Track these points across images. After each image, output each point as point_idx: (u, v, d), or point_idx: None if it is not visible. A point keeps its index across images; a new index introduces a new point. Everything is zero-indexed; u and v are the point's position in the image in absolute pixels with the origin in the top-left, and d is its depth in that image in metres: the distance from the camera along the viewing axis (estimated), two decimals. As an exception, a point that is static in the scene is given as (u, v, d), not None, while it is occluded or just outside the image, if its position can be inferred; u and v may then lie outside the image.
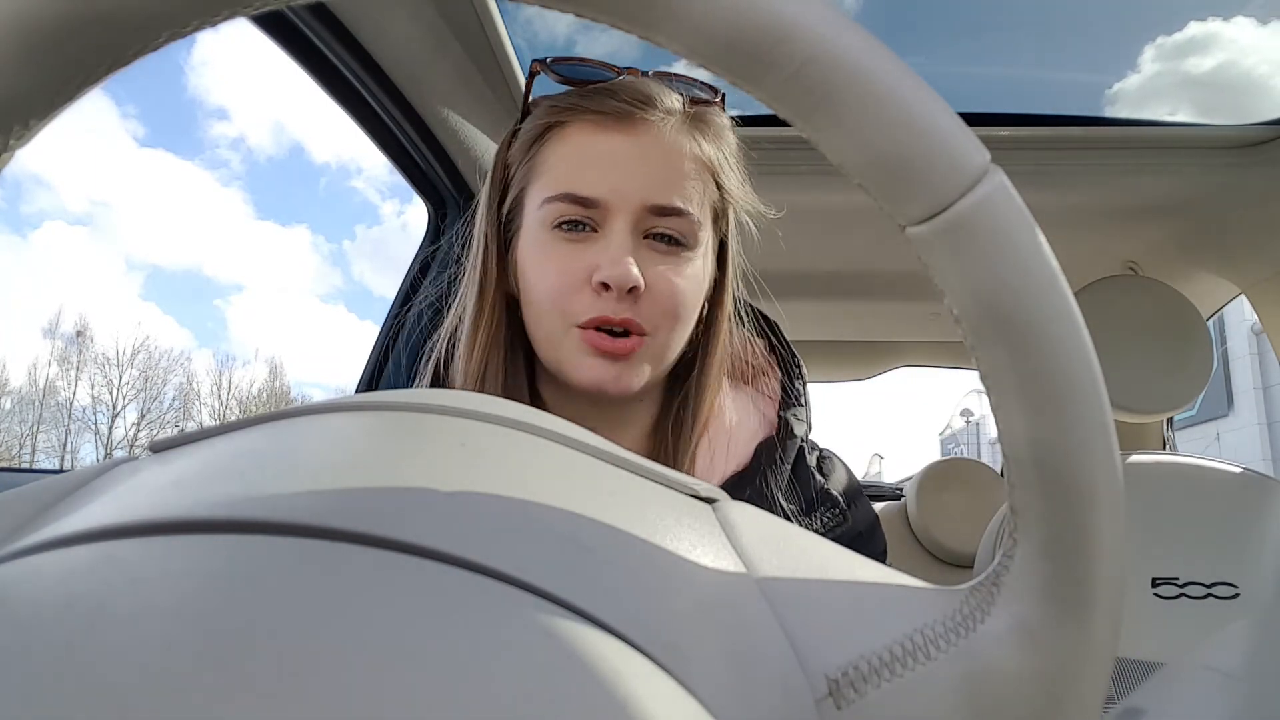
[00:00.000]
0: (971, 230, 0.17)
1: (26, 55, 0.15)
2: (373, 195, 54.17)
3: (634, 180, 0.49)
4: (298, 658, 0.11)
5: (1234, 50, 1.20)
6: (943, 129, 0.17)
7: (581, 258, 0.50)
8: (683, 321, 0.52)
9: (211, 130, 47.01)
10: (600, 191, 0.49)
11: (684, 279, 0.51)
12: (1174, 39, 1.22)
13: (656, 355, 0.52)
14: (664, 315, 0.51)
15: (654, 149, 0.50)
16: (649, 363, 0.51)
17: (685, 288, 0.51)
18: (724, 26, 0.16)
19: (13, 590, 0.13)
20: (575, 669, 0.12)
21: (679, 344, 0.53)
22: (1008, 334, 0.17)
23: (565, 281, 0.50)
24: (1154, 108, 1.18)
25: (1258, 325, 1.59)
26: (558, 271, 0.50)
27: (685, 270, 0.51)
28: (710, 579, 0.17)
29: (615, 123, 0.50)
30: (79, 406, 21.81)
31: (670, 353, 0.53)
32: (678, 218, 0.50)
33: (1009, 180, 0.17)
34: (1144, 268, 1.35)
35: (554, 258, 0.51)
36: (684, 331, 0.53)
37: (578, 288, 0.49)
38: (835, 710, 0.16)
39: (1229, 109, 1.18)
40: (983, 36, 1.27)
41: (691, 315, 0.53)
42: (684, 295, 0.51)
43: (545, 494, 0.17)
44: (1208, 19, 1.24)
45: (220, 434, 0.20)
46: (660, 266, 0.51)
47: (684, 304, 0.51)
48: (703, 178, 0.52)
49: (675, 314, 0.51)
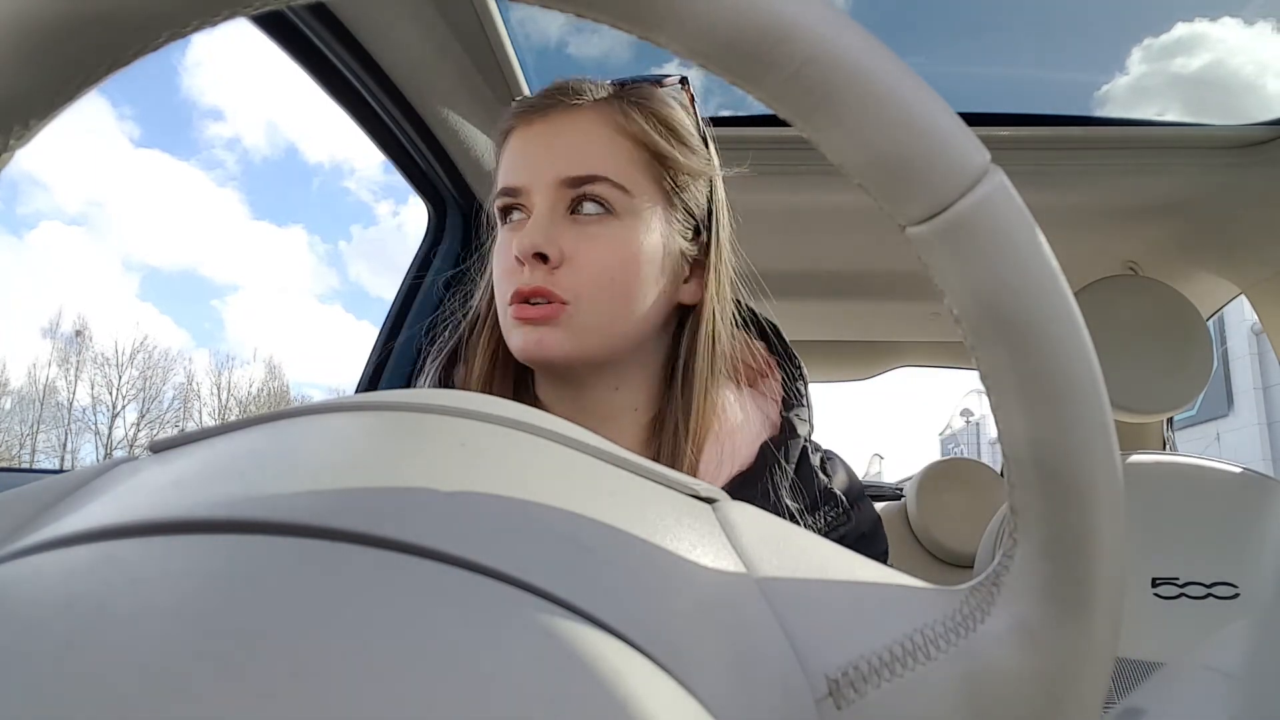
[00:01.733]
0: (972, 230, 0.17)
1: (26, 55, 0.15)
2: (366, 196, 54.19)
3: (547, 158, 0.52)
4: (298, 658, 0.11)
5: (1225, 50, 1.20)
6: (943, 129, 0.17)
7: (513, 240, 0.52)
8: (611, 291, 0.51)
9: (207, 131, 47.04)
10: (522, 178, 0.53)
11: (608, 245, 0.51)
12: (1174, 39, 1.22)
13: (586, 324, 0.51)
14: (587, 283, 0.51)
15: (568, 127, 0.52)
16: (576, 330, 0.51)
17: (610, 255, 0.51)
18: (723, 27, 0.16)
19: (13, 590, 0.13)
20: (575, 669, 0.12)
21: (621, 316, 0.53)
22: (1008, 334, 0.17)
23: (503, 265, 0.53)
24: (1155, 107, 1.18)
25: (1258, 325, 1.59)
26: (499, 256, 0.54)
27: (610, 236, 0.52)
28: (710, 579, 0.17)
29: (536, 114, 0.53)
30: (79, 406, 21.81)
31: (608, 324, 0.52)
32: (595, 184, 0.51)
33: (1009, 180, 0.17)
34: (1144, 268, 1.35)
35: (499, 246, 0.55)
36: (621, 303, 0.52)
37: (511, 268, 0.52)
38: (835, 710, 0.16)
39: (1230, 109, 1.18)
40: (983, 36, 1.27)
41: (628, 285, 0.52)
42: (607, 260, 0.51)
43: (545, 494, 0.17)
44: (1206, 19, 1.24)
45: (220, 434, 0.20)
46: (580, 236, 0.51)
47: (608, 269, 0.51)
48: (629, 146, 0.53)
49: (597, 280, 0.51)
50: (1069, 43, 1.28)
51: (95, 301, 37.92)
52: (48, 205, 42.25)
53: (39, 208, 41.71)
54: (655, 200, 0.54)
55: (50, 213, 42.27)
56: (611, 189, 0.51)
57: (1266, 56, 1.14)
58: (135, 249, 43.41)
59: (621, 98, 0.54)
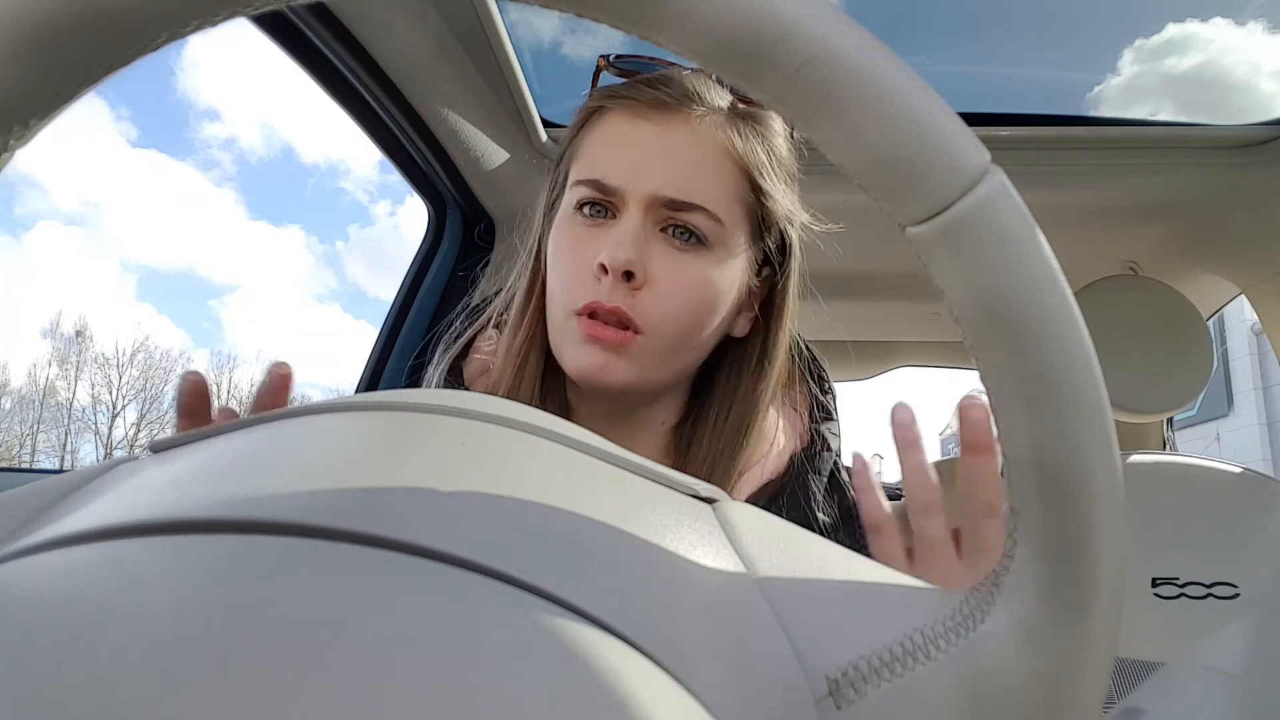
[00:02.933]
0: (971, 230, 0.17)
1: (27, 55, 0.15)
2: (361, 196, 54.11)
3: (652, 169, 0.48)
4: (298, 657, 0.11)
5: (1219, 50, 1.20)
6: (943, 129, 0.17)
7: (593, 242, 0.48)
8: (688, 324, 0.49)
9: (203, 131, 47.01)
10: (620, 178, 0.49)
11: (693, 277, 0.49)
12: (1172, 39, 1.22)
13: (653, 356, 0.49)
14: (664, 312, 0.48)
15: (680, 140, 0.49)
16: (642, 361, 0.49)
17: (693, 287, 0.49)
18: (724, 26, 0.16)
19: (13, 590, 0.13)
20: (575, 668, 0.12)
21: (685, 350, 0.51)
22: (1008, 334, 0.17)
23: (575, 265, 0.49)
24: (1153, 107, 1.18)
25: (1258, 325, 1.59)
26: (571, 254, 0.50)
27: (697, 269, 0.49)
28: (710, 579, 0.17)
29: (650, 111, 0.49)
30: (79, 406, 21.82)
31: (673, 357, 0.50)
32: (693, 213, 0.48)
33: (1009, 180, 0.17)
34: (1144, 268, 1.35)
35: (570, 240, 0.50)
36: (691, 336, 0.50)
37: (585, 273, 0.48)
38: (835, 710, 0.16)
39: (1229, 109, 1.18)
40: (983, 37, 1.27)
41: (702, 320, 0.50)
42: (690, 294, 0.49)
43: (545, 494, 0.17)
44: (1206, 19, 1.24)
45: (220, 434, 0.20)
46: (668, 261, 0.48)
47: (689, 304, 0.49)
48: (735, 176, 0.50)
49: (677, 313, 0.48)
50: (1069, 43, 1.28)
51: (94, 302, 37.93)
52: (45, 206, 42.30)
53: (36, 208, 41.76)
54: (743, 235, 0.51)
55: (48, 213, 42.31)
56: (708, 220, 0.49)
57: (1267, 57, 1.14)
58: (133, 249, 43.40)
59: (739, 116, 0.51)
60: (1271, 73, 1.14)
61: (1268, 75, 1.14)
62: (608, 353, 0.48)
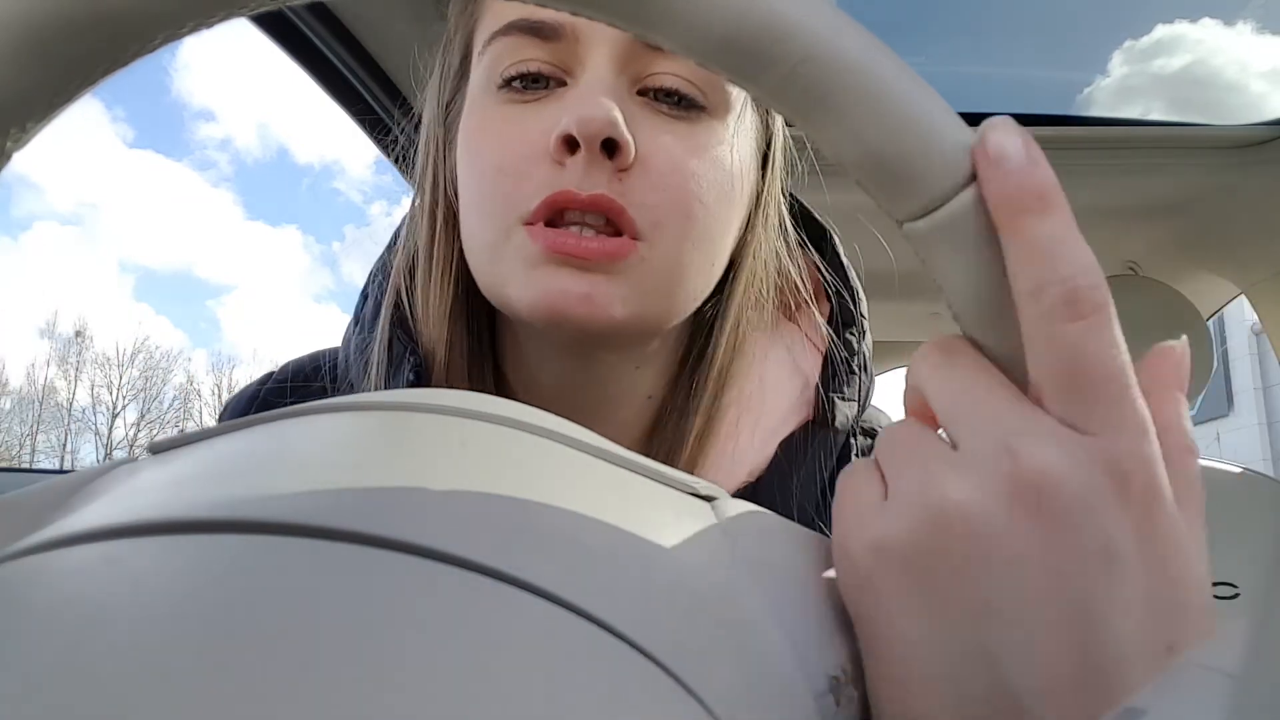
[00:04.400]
0: (969, 226, 0.17)
1: (25, 56, 0.15)
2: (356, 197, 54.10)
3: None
4: (298, 658, 0.11)
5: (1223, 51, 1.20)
6: (939, 125, 0.17)
7: (537, 120, 0.32)
8: (699, 224, 0.33)
9: (199, 132, 47.07)
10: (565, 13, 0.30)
11: (703, 159, 0.33)
12: (1169, 39, 1.22)
13: (657, 276, 0.33)
14: (669, 204, 0.32)
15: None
16: (645, 285, 0.32)
17: (705, 171, 0.33)
18: (721, 24, 0.16)
19: (13, 590, 0.13)
20: (573, 668, 0.12)
21: (701, 266, 0.34)
22: (1007, 332, 0.18)
23: (510, 155, 0.32)
24: (1146, 108, 1.19)
25: (1258, 325, 1.59)
26: (498, 142, 0.33)
27: (703, 142, 0.33)
28: (709, 577, 0.17)
29: None
30: (79, 407, 21.84)
31: (681, 278, 0.34)
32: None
33: None
34: (1144, 268, 1.35)
35: (496, 124, 0.33)
36: (704, 246, 0.34)
37: (529, 162, 0.32)
38: (835, 706, 0.16)
39: (1229, 109, 1.18)
40: (983, 36, 1.27)
41: (715, 219, 0.34)
42: (701, 181, 0.33)
43: (545, 493, 0.17)
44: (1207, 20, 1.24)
45: (220, 434, 0.20)
46: (664, 133, 0.32)
47: (701, 194, 0.33)
48: None
49: (687, 206, 0.32)
50: (1070, 42, 1.28)
51: (92, 302, 38.00)
52: (41, 207, 42.41)
53: (33, 209, 41.85)
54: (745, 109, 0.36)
55: (44, 214, 42.41)
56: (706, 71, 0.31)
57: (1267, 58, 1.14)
58: (130, 250, 43.50)
59: None
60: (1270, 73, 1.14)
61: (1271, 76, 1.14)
62: (592, 274, 0.31)
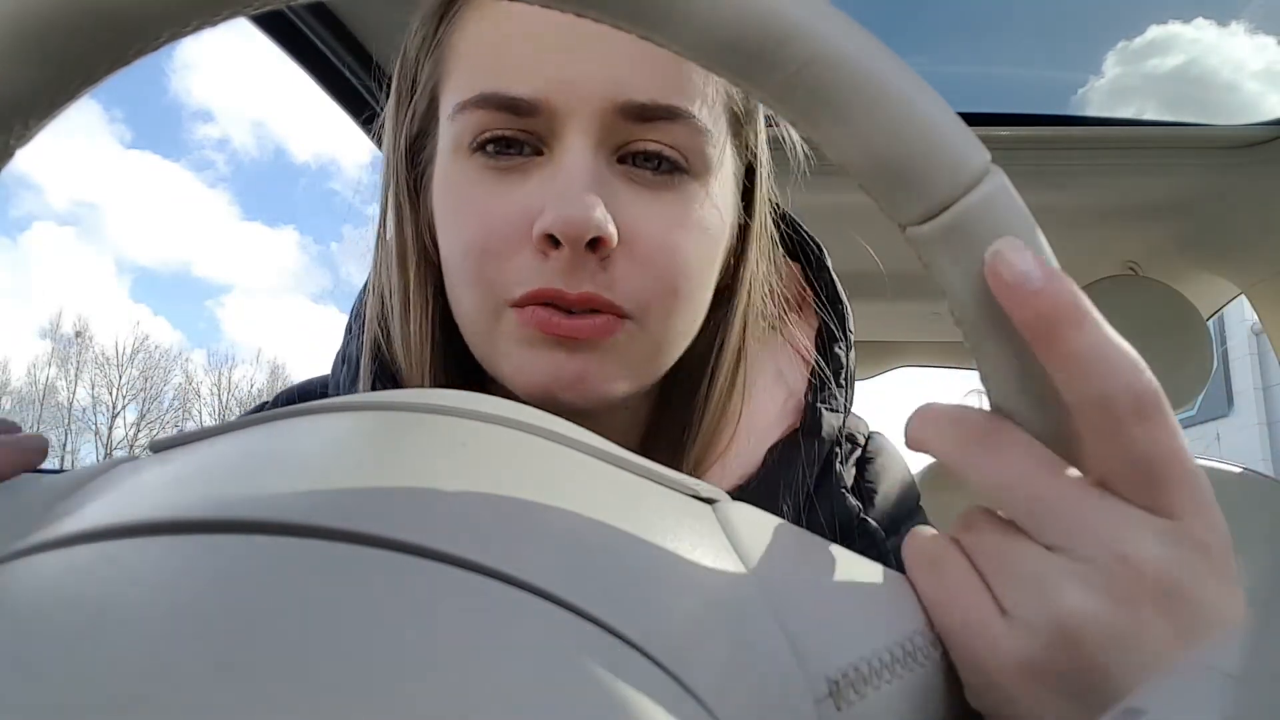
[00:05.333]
0: (971, 230, 0.17)
1: (27, 54, 0.15)
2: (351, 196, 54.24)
3: (593, 63, 0.31)
4: (298, 658, 0.11)
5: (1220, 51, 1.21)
6: (943, 129, 0.17)
7: (516, 195, 0.32)
8: (685, 296, 0.33)
9: (196, 132, 47.11)
10: (538, 85, 0.31)
11: (687, 227, 0.33)
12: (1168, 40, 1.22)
13: (647, 348, 0.33)
14: (655, 285, 0.32)
15: None
16: (635, 359, 0.33)
17: (688, 242, 0.33)
18: (725, 27, 0.16)
19: (13, 590, 0.13)
20: (574, 669, 0.12)
21: (683, 332, 0.35)
22: (1008, 335, 0.17)
23: (491, 235, 0.32)
24: (1149, 106, 1.19)
25: (1258, 325, 1.59)
26: (480, 220, 0.32)
27: (689, 213, 0.33)
28: (710, 579, 0.17)
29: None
30: (79, 407, 21.84)
31: (670, 346, 0.34)
32: (672, 123, 0.31)
33: (1009, 181, 0.17)
34: (1144, 268, 1.35)
35: (474, 199, 0.33)
36: (690, 313, 0.34)
37: (513, 244, 0.31)
38: (835, 711, 0.16)
39: (1230, 109, 1.18)
40: (984, 36, 1.27)
41: (700, 286, 0.34)
42: (686, 254, 0.32)
43: (546, 494, 0.17)
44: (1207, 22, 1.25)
45: (220, 434, 0.20)
46: (643, 206, 0.32)
47: (686, 267, 0.33)
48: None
49: (673, 284, 0.32)
50: (1063, 43, 1.28)
51: (91, 302, 38.06)
52: (40, 207, 42.40)
53: (31, 209, 41.86)
54: (733, 147, 0.36)
55: (42, 214, 42.41)
56: (692, 135, 0.32)
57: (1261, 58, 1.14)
58: (128, 250, 43.55)
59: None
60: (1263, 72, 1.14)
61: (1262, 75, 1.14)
62: (584, 353, 0.31)
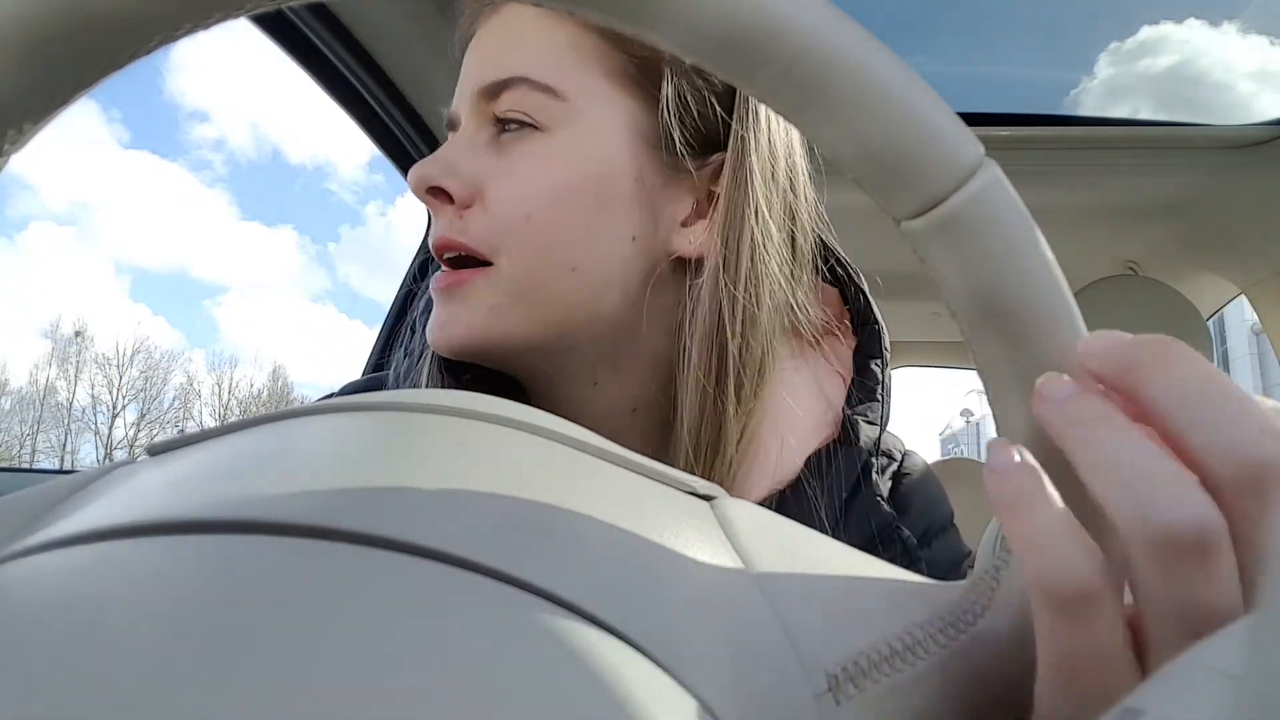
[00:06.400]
0: (966, 223, 0.17)
1: (22, 58, 0.15)
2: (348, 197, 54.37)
3: (470, 70, 0.40)
4: (297, 658, 0.11)
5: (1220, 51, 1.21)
6: (936, 123, 0.17)
7: None
8: (538, 233, 0.36)
9: (193, 133, 47.22)
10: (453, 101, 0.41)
11: (528, 169, 0.37)
12: (1169, 40, 1.22)
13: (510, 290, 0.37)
14: (501, 224, 0.36)
15: (496, 26, 0.40)
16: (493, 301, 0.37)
17: (530, 180, 0.37)
18: (716, 23, 0.16)
19: (13, 590, 0.13)
20: (573, 667, 0.12)
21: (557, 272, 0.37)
22: (1004, 327, 0.17)
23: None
24: (1143, 106, 1.19)
25: (1258, 325, 1.59)
26: None
27: (532, 157, 0.37)
28: (708, 575, 0.17)
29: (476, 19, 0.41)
30: (79, 407, 21.86)
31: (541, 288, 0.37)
32: (512, 90, 0.37)
33: (1004, 175, 0.17)
34: (1144, 268, 1.35)
35: None
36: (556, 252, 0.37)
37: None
38: (834, 705, 0.16)
39: (1218, 107, 1.18)
40: (983, 36, 1.27)
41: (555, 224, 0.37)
42: (530, 195, 0.36)
43: (544, 493, 0.17)
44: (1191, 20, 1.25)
45: (219, 435, 0.20)
46: (496, 162, 0.37)
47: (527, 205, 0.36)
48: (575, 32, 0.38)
49: (513, 222, 0.36)
50: (1056, 44, 1.28)
51: (89, 303, 38.09)
52: (37, 208, 42.46)
53: (28, 210, 41.92)
54: (608, 100, 0.38)
55: (40, 214, 42.49)
56: (533, 93, 0.37)
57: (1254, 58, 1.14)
58: (127, 250, 43.61)
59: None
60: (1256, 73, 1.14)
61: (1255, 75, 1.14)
62: (447, 304, 0.37)
